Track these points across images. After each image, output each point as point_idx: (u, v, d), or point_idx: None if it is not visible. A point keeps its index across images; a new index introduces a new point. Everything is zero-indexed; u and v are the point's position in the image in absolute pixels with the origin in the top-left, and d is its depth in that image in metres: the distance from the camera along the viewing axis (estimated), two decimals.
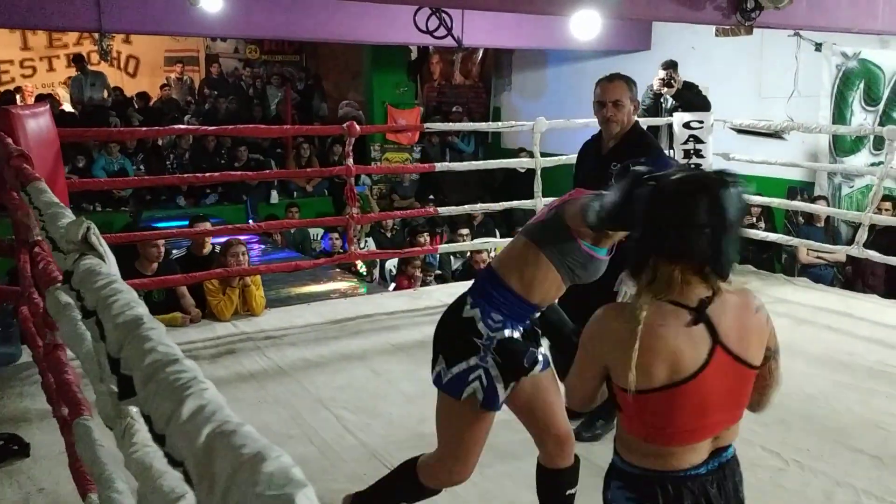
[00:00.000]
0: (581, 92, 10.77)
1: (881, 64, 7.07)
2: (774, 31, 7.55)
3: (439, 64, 12.74)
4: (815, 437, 3.52)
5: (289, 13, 7.60)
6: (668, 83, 6.55)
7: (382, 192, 10.41)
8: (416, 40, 8.33)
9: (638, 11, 5.73)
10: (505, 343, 2.17)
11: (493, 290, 2.19)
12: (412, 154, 11.02)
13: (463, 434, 2.24)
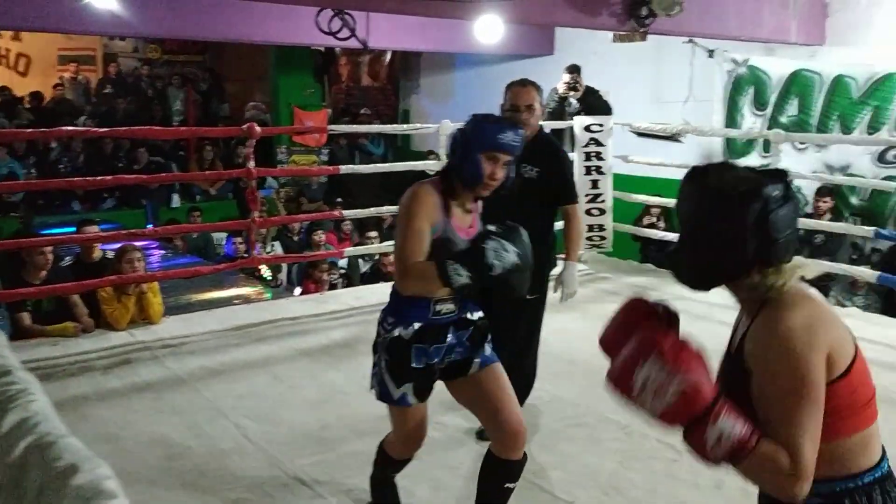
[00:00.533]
0: (487, 95, 10.84)
1: (768, 70, 7.42)
2: (671, 38, 7.83)
3: (347, 66, 12.65)
4: None
5: (190, 12, 7.38)
6: (574, 87, 6.75)
7: (290, 195, 10.24)
8: (321, 42, 8.23)
9: (537, 17, 5.83)
10: (391, 343, 2.39)
11: (391, 294, 2.47)
12: (320, 156, 10.89)
13: (392, 418, 2.54)
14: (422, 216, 2.30)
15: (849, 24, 6.93)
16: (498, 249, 2.18)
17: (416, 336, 2.37)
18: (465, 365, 2.46)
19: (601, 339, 1.65)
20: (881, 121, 6.64)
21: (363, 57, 12.15)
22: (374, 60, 12.48)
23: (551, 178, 3.40)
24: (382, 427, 3.60)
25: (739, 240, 1.43)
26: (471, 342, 2.46)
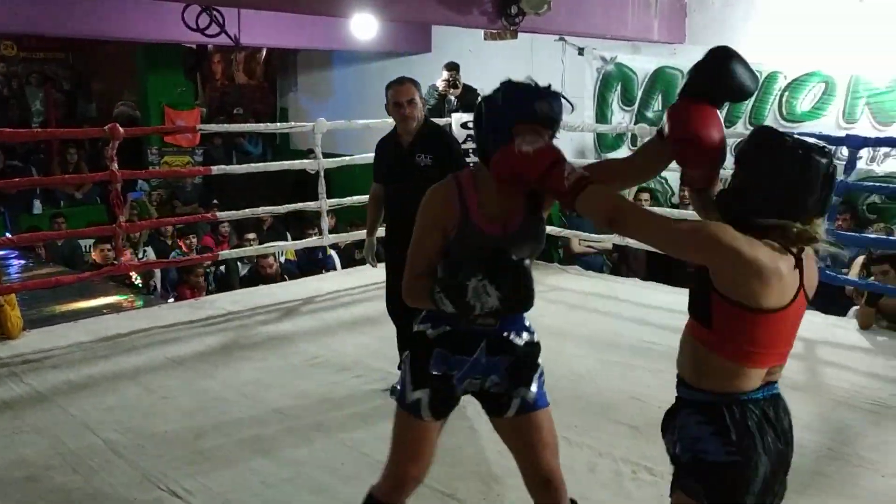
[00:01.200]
0: (366, 93, 10.85)
1: (634, 68, 7.74)
2: (543, 36, 8.03)
3: (220, 63, 12.27)
4: (581, 414, 3.77)
5: (49, 7, 6.94)
6: (454, 84, 6.81)
7: (162, 198, 9.83)
8: (190, 39, 7.94)
9: (409, 14, 5.85)
10: (415, 336, 2.17)
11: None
12: (194, 157, 10.52)
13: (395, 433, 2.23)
14: (425, 226, 2.09)
15: (706, 23, 7.32)
16: (479, 291, 1.94)
17: (441, 338, 2.13)
18: (502, 402, 2.19)
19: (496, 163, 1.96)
20: (737, 114, 7.04)
21: (237, 54, 11.82)
22: (249, 58, 12.17)
23: (445, 164, 3.52)
24: (264, 433, 3.55)
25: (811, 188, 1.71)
26: (511, 374, 2.16)
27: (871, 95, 6.31)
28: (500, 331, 2.15)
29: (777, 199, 1.71)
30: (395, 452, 2.23)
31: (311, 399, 3.94)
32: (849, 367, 4.47)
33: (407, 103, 3.64)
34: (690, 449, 1.80)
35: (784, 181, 1.70)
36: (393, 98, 3.68)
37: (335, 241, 6.54)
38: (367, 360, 4.48)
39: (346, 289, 6.06)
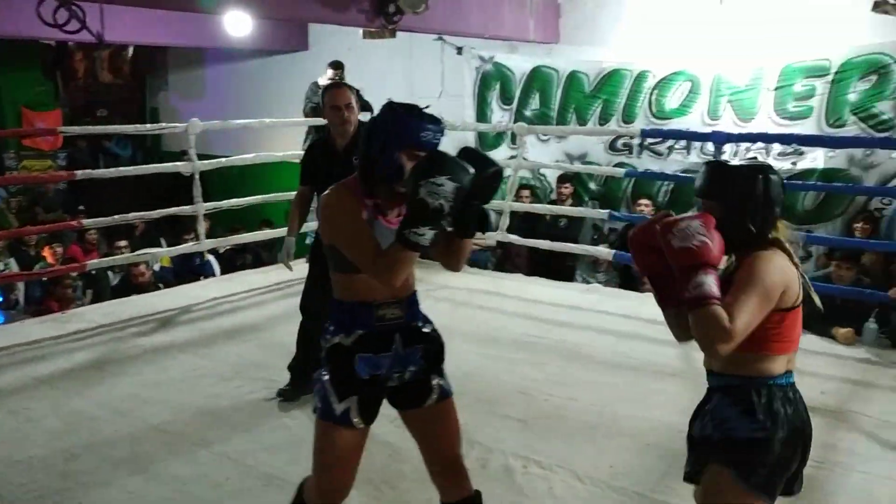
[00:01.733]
0: (242, 92, 10.55)
1: (512, 67, 7.88)
2: (422, 35, 8.04)
3: (83, 61, 11.58)
4: (470, 410, 3.76)
5: None
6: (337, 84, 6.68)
7: (22, 205, 9.17)
8: (48, 35, 7.44)
9: (284, 12, 5.71)
10: (331, 350, 2.19)
11: (330, 303, 2.25)
12: (57, 161, 9.88)
13: (321, 444, 2.23)
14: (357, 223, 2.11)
15: (578, 24, 7.55)
16: (431, 189, 1.95)
17: (358, 343, 2.17)
18: (424, 390, 2.26)
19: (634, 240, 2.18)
20: (610, 112, 7.30)
21: (101, 52, 11.20)
22: (114, 55, 11.55)
23: None
24: (142, 451, 3.36)
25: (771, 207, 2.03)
26: (427, 361, 2.27)
27: (732, 94, 6.69)
28: (409, 322, 2.24)
29: (763, 218, 2.00)
30: (327, 467, 2.24)
31: (192, 413, 3.77)
32: None
33: (345, 107, 3.68)
34: (720, 428, 2.01)
35: (766, 200, 2.00)
36: (330, 102, 3.72)
37: (213, 246, 6.30)
38: (250, 369, 4.34)
39: (225, 296, 5.85)
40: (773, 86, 6.50)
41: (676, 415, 3.80)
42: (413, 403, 2.28)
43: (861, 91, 6.16)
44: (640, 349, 4.72)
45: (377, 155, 2.09)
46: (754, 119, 6.58)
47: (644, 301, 5.86)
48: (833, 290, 4.98)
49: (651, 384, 4.19)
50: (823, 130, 6.28)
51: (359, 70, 8.54)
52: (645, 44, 7.12)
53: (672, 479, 3.16)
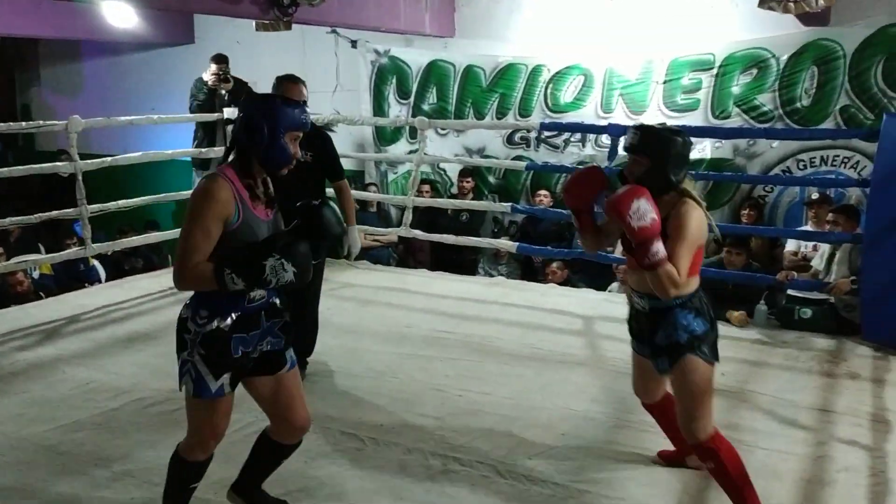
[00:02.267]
0: (125, 87, 10.01)
1: (408, 61, 7.81)
2: (315, 28, 7.85)
3: None
4: (387, 411, 3.71)
5: None
6: (225, 79, 6.41)
7: None
8: None
9: (170, 3, 5.43)
10: (208, 335, 2.35)
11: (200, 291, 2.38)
12: None
13: (197, 414, 2.47)
14: (210, 216, 2.27)
15: (474, 18, 7.56)
16: (277, 268, 2.27)
17: (234, 326, 2.37)
18: (277, 360, 2.53)
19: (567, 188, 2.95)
20: (507, 106, 7.36)
21: None
22: None
23: (324, 161, 4.01)
24: (31, 476, 3.10)
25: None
26: (283, 333, 2.54)
27: (623, 87, 6.87)
28: (269, 299, 2.49)
29: (680, 170, 2.61)
30: (206, 435, 2.51)
31: (87, 431, 3.52)
32: (623, 338, 4.69)
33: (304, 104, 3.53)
34: (686, 330, 2.68)
35: (683, 156, 2.62)
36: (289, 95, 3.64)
37: (103, 250, 5.92)
38: (148, 380, 4.10)
39: (116, 303, 5.53)
40: (662, 79, 6.73)
41: (586, 403, 3.88)
42: (268, 370, 2.52)
43: (743, 84, 6.46)
44: (546, 340, 4.77)
45: (264, 141, 2.32)
46: (646, 112, 6.78)
47: (546, 292, 5.97)
48: (726, 276, 5.20)
49: (560, 374, 4.24)
50: (710, 121, 6.55)
51: (249, 65, 8.27)
52: (539, 38, 7.22)
53: (590, 468, 3.21)
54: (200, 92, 6.46)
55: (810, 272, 5.18)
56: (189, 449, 2.54)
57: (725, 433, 3.48)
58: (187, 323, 2.39)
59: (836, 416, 3.74)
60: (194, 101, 6.53)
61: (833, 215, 5.10)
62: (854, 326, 4.84)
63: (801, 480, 3.13)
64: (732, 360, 4.46)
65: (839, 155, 6.28)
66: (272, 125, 2.32)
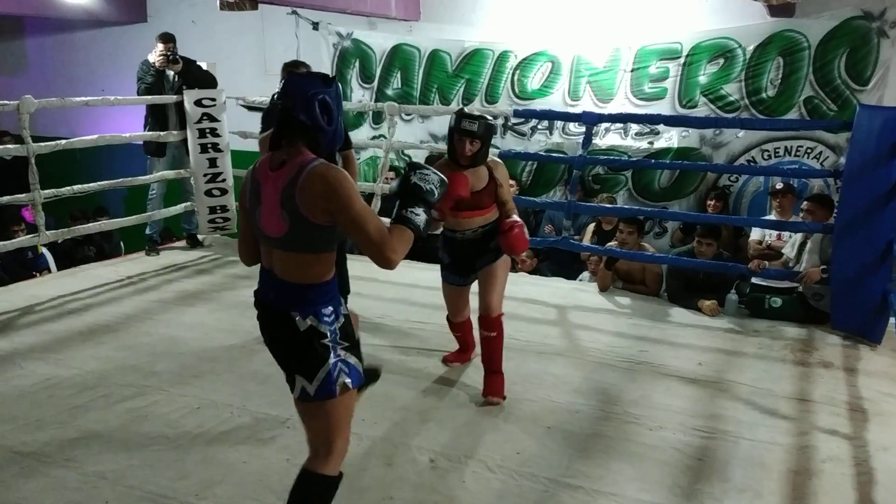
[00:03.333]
0: (72, 67, 9.60)
1: (372, 44, 7.64)
2: (274, 9, 7.62)
3: None
4: (368, 405, 3.58)
5: None
6: (174, 59, 6.10)
7: None
8: None
9: None
10: (342, 329, 2.28)
11: (309, 292, 2.22)
12: None
13: (347, 417, 2.34)
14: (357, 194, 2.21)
15: (440, 1, 7.43)
16: (421, 178, 2.27)
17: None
18: None
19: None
20: (473, 92, 7.27)
21: None
22: None
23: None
24: None
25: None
26: None
27: (591, 75, 6.84)
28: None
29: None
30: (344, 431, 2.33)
31: (51, 430, 3.32)
32: (599, 328, 4.80)
33: None
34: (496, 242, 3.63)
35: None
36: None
37: (56, 238, 5.65)
38: (114, 373, 3.91)
39: (72, 293, 5.28)
40: (630, 67, 6.72)
41: (569, 394, 3.83)
42: None
43: (710, 73, 6.49)
44: (522, 329, 4.71)
45: (330, 126, 2.24)
46: (613, 99, 6.78)
47: (517, 281, 5.88)
48: (698, 265, 5.21)
49: (539, 365, 4.19)
50: (677, 110, 6.57)
51: (206, 45, 8.02)
52: (507, 24, 7.14)
53: (579, 462, 3.16)
54: (147, 74, 6.14)
55: (780, 261, 5.23)
56: (339, 458, 2.32)
57: (710, 423, 3.51)
58: (318, 329, 2.21)
59: (815, 405, 3.78)
60: (142, 83, 6.18)
61: (808, 204, 5.15)
62: (823, 315, 4.91)
63: (788, 471, 3.13)
64: (707, 350, 4.49)
65: (803, 145, 6.38)
66: (339, 108, 2.28)
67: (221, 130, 6.22)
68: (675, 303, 5.28)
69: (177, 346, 4.33)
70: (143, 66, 6.19)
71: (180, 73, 6.14)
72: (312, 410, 2.28)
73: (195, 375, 3.91)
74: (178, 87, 6.15)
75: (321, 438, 2.30)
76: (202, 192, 6.22)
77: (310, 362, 2.22)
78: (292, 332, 2.21)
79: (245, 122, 6.91)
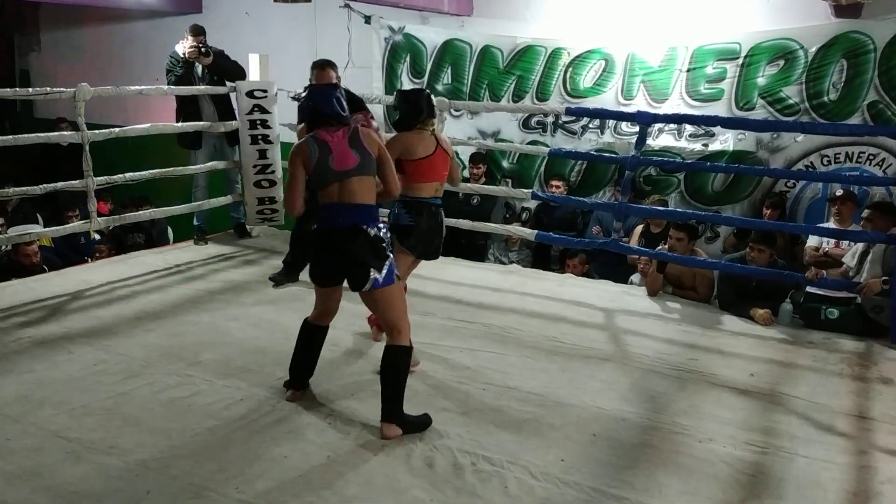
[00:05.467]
0: (129, 56, 9.75)
1: (423, 39, 7.59)
2: (328, 2, 7.63)
3: None
4: (409, 405, 3.52)
5: None
6: (206, 52, 6.07)
7: None
8: None
9: None
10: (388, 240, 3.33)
11: (372, 210, 3.29)
12: None
13: (403, 303, 3.39)
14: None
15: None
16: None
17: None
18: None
19: None
20: (524, 89, 7.17)
21: None
22: None
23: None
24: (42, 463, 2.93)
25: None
26: None
27: (646, 74, 6.69)
28: None
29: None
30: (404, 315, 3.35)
31: (97, 416, 3.35)
32: (647, 334, 4.69)
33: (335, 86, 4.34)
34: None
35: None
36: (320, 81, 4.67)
37: (108, 224, 5.72)
38: (160, 362, 3.94)
39: (121, 280, 5.35)
40: (686, 67, 6.55)
41: (616, 401, 3.74)
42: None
43: (769, 75, 6.29)
44: (568, 333, 4.63)
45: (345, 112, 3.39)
46: (668, 99, 6.62)
47: (563, 282, 5.83)
48: (752, 272, 5.06)
49: (585, 369, 4.10)
50: (734, 112, 6.38)
51: (259, 37, 8.07)
52: (560, 20, 7.02)
53: (625, 472, 3.07)
54: (177, 66, 6.12)
55: (840, 270, 5.05)
56: (406, 334, 3.31)
57: (762, 438, 3.39)
58: (380, 235, 3.23)
59: (873, 422, 3.62)
60: (172, 75, 6.17)
61: (868, 212, 4.96)
62: (882, 329, 4.72)
63: (845, 492, 3.00)
64: (760, 360, 4.35)
65: (865, 151, 6.14)
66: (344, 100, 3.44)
67: (272, 122, 6.23)
68: (727, 310, 5.13)
69: (222, 336, 4.35)
70: (172, 59, 6.18)
71: (209, 67, 6.13)
72: (380, 297, 3.26)
73: (239, 367, 3.92)
74: (209, 80, 6.14)
75: (391, 323, 3.30)
76: (251, 182, 6.24)
77: (378, 258, 3.20)
78: (364, 238, 3.19)
79: (294, 115, 6.93)
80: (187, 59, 6.05)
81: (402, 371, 3.27)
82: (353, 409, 3.49)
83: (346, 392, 3.67)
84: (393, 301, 3.26)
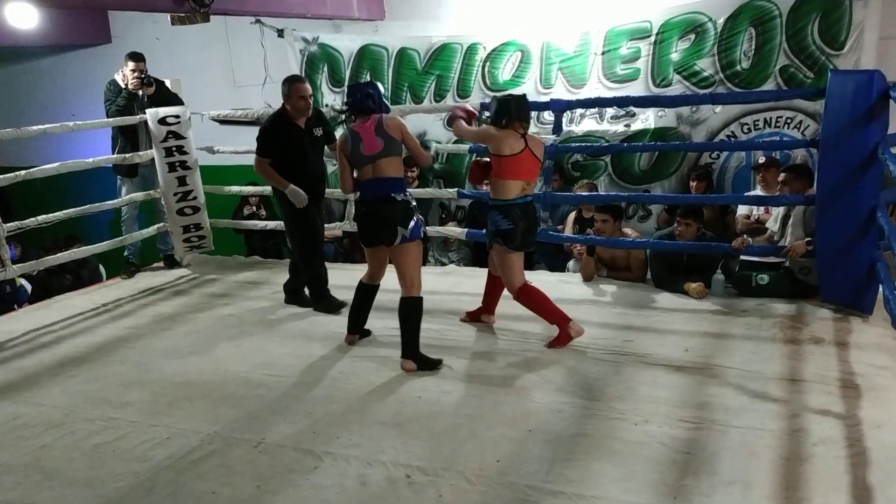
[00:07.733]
0: (37, 93, 9.45)
1: (338, 47, 7.51)
2: (239, 20, 7.50)
3: None
4: (343, 421, 3.48)
5: None
6: (148, 82, 5.94)
7: None
8: None
9: (77, 1, 5.04)
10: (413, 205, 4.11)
11: (399, 181, 4.08)
12: None
13: (419, 260, 4.19)
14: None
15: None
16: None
17: None
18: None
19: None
20: (445, 88, 7.14)
21: None
22: None
23: (329, 133, 5.22)
24: None
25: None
26: None
27: (562, 61, 6.70)
28: None
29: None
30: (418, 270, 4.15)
31: (14, 474, 3.20)
32: (582, 320, 4.63)
33: (309, 97, 4.97)
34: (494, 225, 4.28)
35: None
36: (299, 93, 4.91)
37: (23, 271, 5.53)
38: (83, 408, 3.79)
39: (45, 326, 5.17)
40: (601, 50, 6.58)
41: (552, 393, 3.71)
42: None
43: (682, 50, 6.35)
44: (505, 329, 4.61)
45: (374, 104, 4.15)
46: (586, 84, 6.64)
47: None
48: (680, 247, 5.08)
49: (522, 365, 4.07)
50: (651, 90, 6.44)
51: (172, 61, 7.90)
52: (472, 15, 7.01)
53: (561, 466, 3.03)
54: (119, 97, 6.00)
55: (765, 235, 5.10)
56: (418, 286, 4.09)
57: (697, 413, 3.39)
58: (407, 200, 4.05)
59: (806, 384, 3.65)
60: (112, 105, 6.04)
61: (783, 175, 5.02)
62: (811, 289, 4.79)
63: (778, 458, 3.01)
64: (695, 334, 4.36)
65: (782, 116, 6.24)
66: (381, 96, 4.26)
67: (188, 147, 6.09)
68: (661, 287, 5.16)
69: (149, 373, 4.22)
70: (112, 87, 6.04)
71: (151, 96, 6.00)
72: (406, 250, 4.04)
73: (167, 403, 3.79)
74: (144, 106, 6.01)
75: (408, 275, 4.07)
76: (174, 211, 6.09)
77: (406, 217, 4.00)
78: (395, 203, 4.00)
79: (216, 137, 6.80)
80: (132, 90, 5.92)
81: (416, 317, 4.06)
82: (283, 434, 3.39)
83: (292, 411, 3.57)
84: (413, 254, 4.06)
